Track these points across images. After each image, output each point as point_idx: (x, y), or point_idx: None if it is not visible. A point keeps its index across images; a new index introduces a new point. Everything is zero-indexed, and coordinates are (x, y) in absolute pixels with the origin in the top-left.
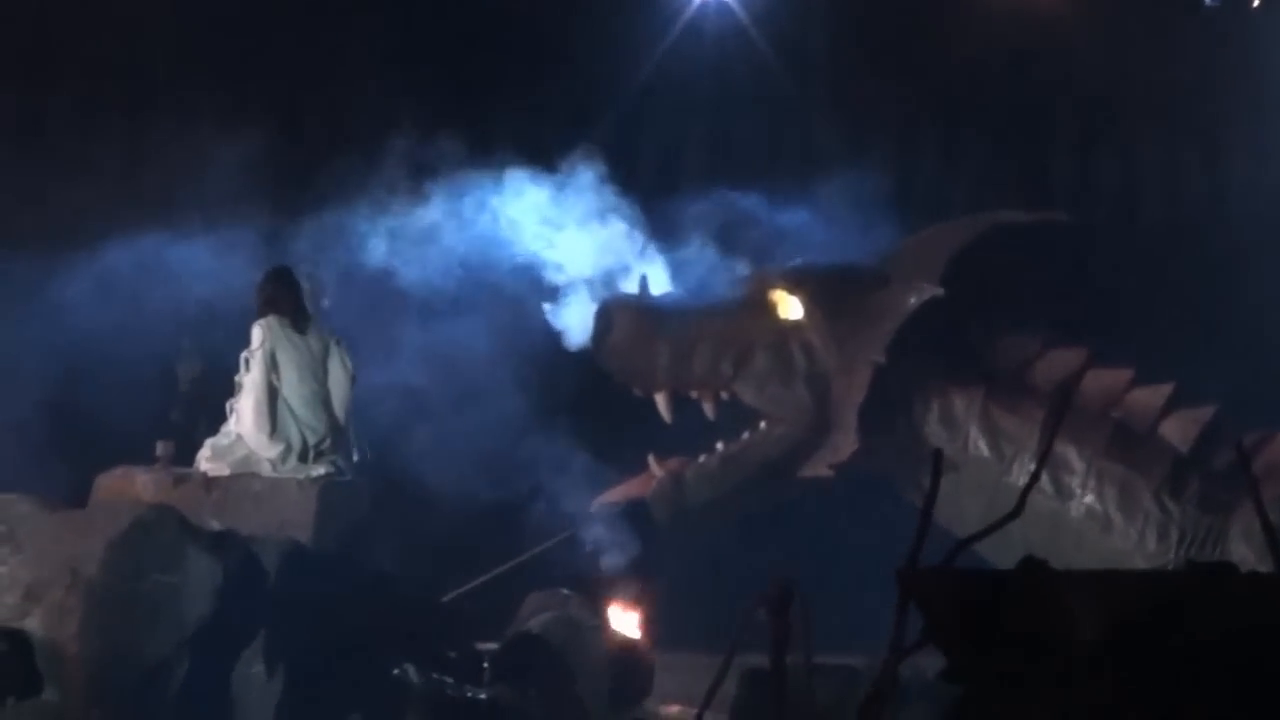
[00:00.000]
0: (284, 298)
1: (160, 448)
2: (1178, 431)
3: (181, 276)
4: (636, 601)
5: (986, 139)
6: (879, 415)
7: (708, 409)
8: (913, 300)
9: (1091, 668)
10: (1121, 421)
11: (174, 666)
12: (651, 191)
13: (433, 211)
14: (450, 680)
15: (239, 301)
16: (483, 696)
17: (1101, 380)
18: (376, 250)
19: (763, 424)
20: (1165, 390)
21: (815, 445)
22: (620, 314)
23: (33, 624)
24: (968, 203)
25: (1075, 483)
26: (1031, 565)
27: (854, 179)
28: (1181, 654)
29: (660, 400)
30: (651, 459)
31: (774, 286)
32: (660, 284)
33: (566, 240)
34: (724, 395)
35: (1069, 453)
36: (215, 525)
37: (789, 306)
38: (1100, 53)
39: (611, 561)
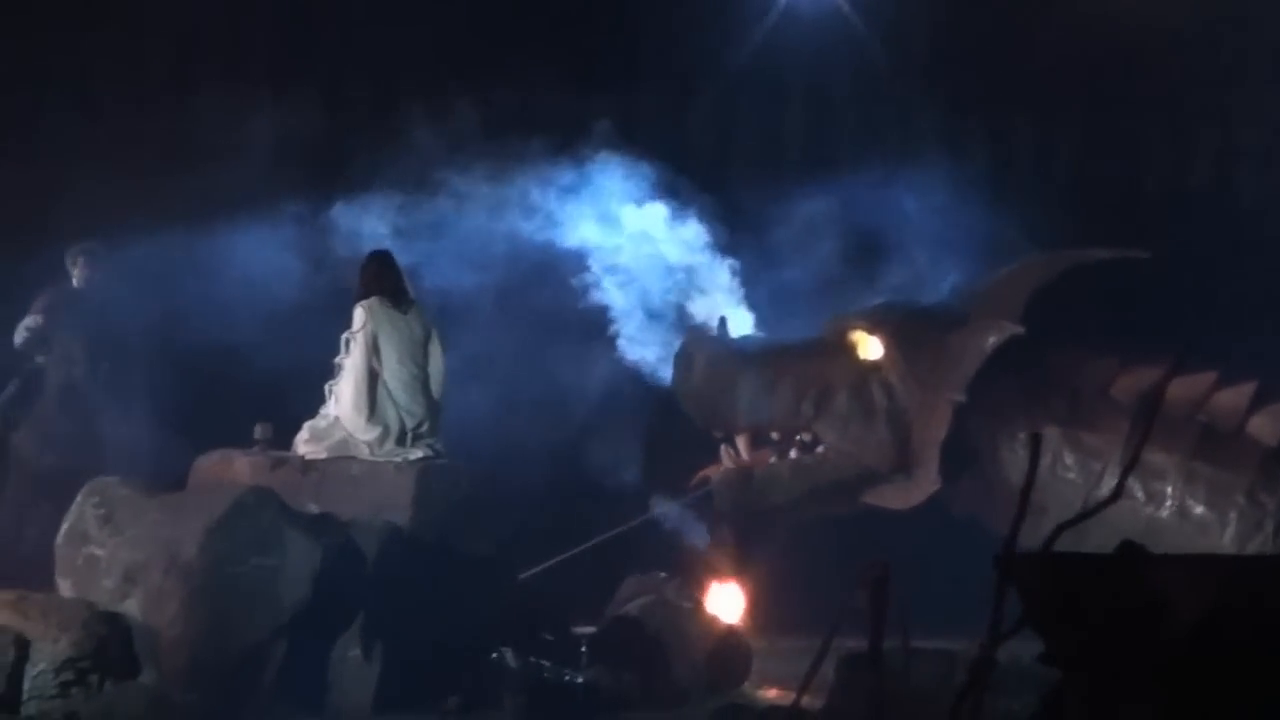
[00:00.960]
0: (386, 279)
1: (259, 430)
2: (1265, 427)
3: (285, 257)
4: (736, 585)
5: (1078, 129)
6: (961, 454)
7: (791, 451)
8: (993, 339)
9: (1189, 651)
10: (1208, 424)
11: (271, 650)
12: (743, 182)
13: (520, 198)
14: (547, 663)
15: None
16: (580, 680)
17: (1185, 387)
18: (465, 236)
19: None
20: (1249, 389)
21: (889, 474)
22: (700, 356)
23: (131, 607)
24: (1061, 193)
25: (1166, 487)
26: (1130, 549)
27: (948, 168)
28: (1277, 637)
29: (740, 442)
30: (724, 449)
31: (853, 327)
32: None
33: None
34: (805, 436)
35: (1157, 458)
36: (313, 508)
37: (869, 347)
38: (1195, 42)
39: (694, 543)
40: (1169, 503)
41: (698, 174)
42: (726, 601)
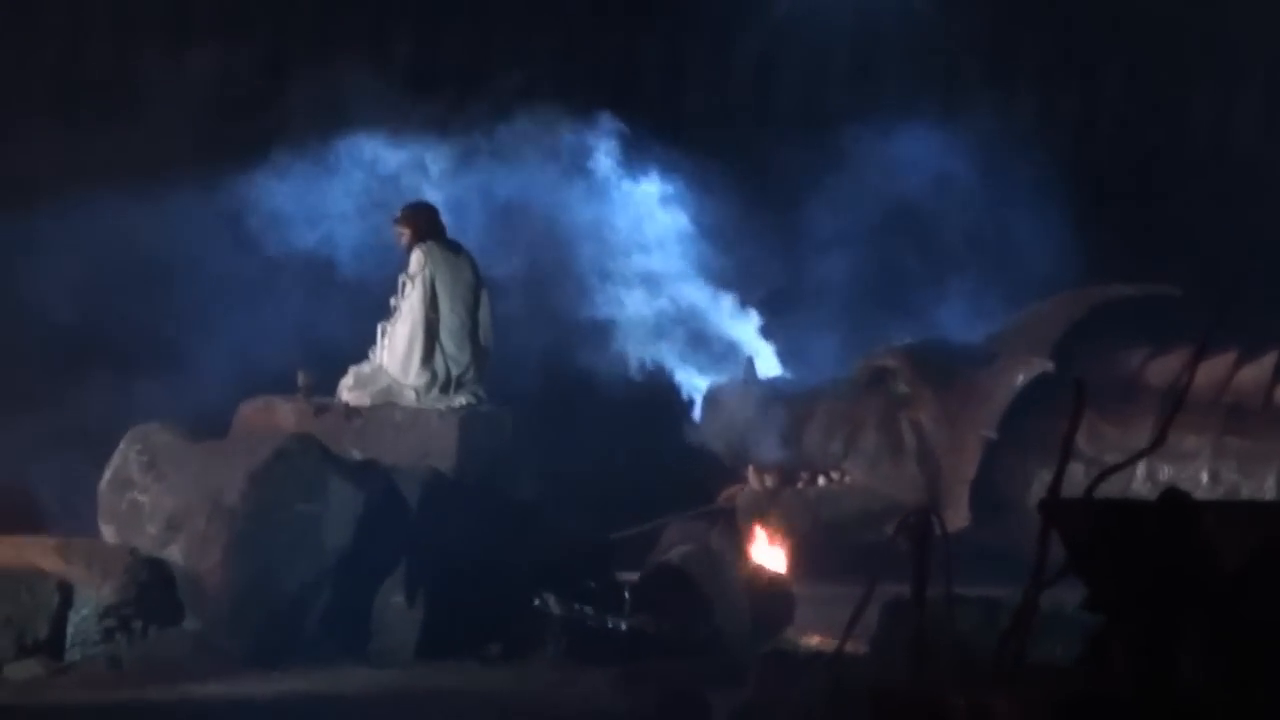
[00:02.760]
0: (438, 224)
1: (302, 377)
2: None
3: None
4: (778, 533)
5: (1120, 84)
6: (991, 489)
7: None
8: (1022, 376)
9: (1232, 595)
10: (1234, 403)
11: (315, 595)
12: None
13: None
14: (590, 610)
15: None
16: (623, 626)
17: (1208, 371)
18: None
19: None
20: (1270, 361)
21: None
22: (728, 398)
23: (174, 553)
24: (1109, 149)
25: (1199, 468)
26: (1172, 495)
27: (993, 122)
28: None
29: (769, 479)
30: (751, 469)
31: (883, 365)
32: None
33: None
34: (834, 474)
35: (1187, 442)
36: (357, 455)
37: (898, 384)
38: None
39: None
40: (1202, 485)
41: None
42: (770, 550)
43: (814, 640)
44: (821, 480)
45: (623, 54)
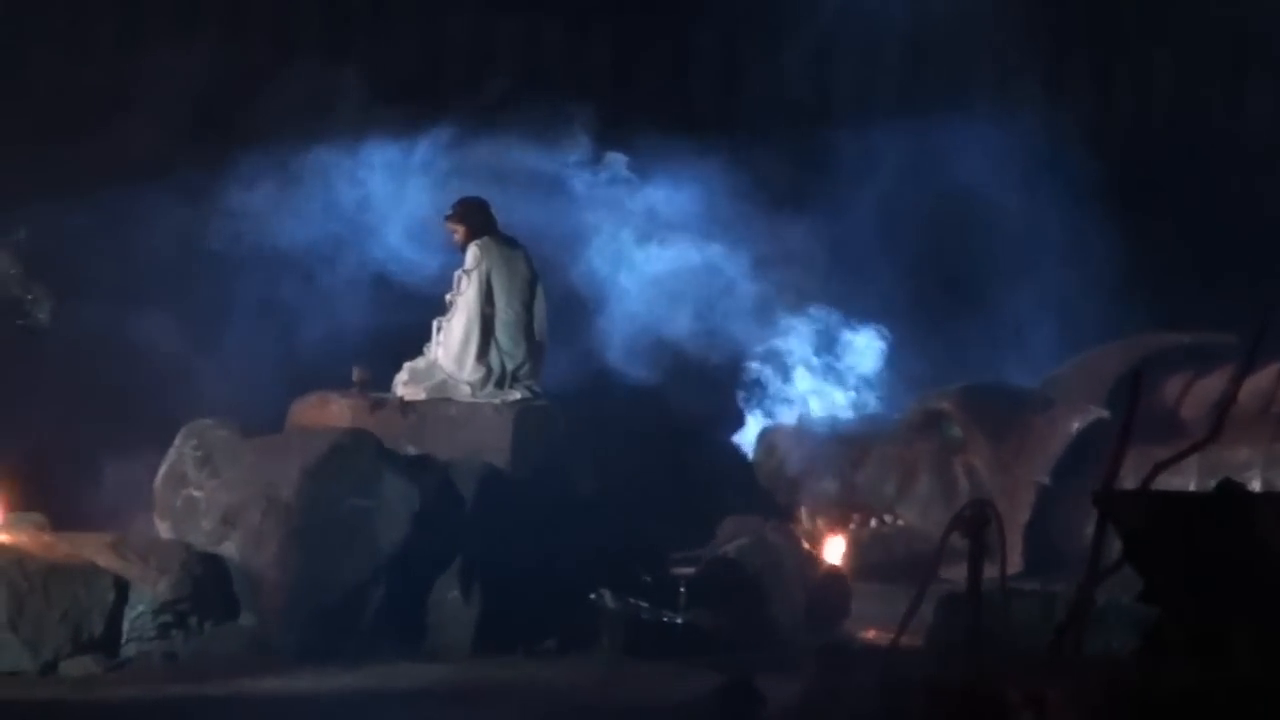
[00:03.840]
0: (492, 221)
1: (356, 373)
2: None
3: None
4: (836, 527)
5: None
6: (1045, 536)
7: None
8: (1077, 424)
9: None
10: None
11: (370, 591)
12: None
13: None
14: (646, 604)
15: None
16: (678, 620)
17: (1255, 383)
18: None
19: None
20: None
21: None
22: (783, 440)
23: (229, 549)
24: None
25: (1251, 478)
26: (1229, 487)
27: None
28: None
29: (821, 521)
30: (803, 509)
31: (937, 409)
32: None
33: None
34: (887, 517)
35: (1239, 455)
36: (411, 450)
37: (952, 428)
38: None
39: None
40: (1256, 486)
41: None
42: (827, 544)
43: (870, 634)
44: (874, 522)
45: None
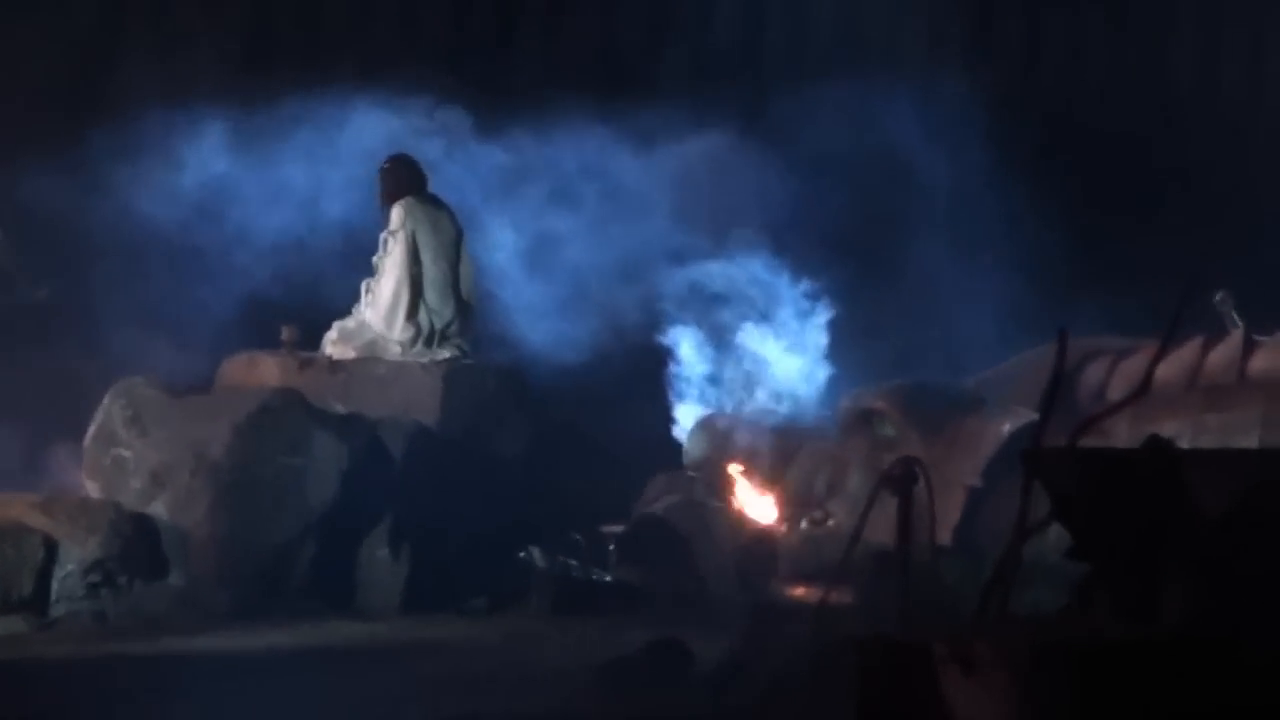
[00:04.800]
0: (417, 179)
1: (285, 332)
2: (1265, 362)
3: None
4: (766, 484)
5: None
6: (974, 537)
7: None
8: (1007, 427)
9: (1214, 542)
10: (1208, 385)
11: (300, 549)
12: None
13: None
14: (575, 563)
15: None
16: (608, 578)
17: (1178, 359)
18: None
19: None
20: (1236, 338)
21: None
22: (713, 433)
23: (159, 508)
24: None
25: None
26: (1156, 443)
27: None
28: None
29: (754, 515)
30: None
31: (869, 406)
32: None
33: None
34: (817, 515)
35: (1166, 427)
36: (340, 409)
37: (884, 426)
38: None
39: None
40: None
41: None
42: (755, 501)
43: (799, 591)
44: (804, 523)
45: None
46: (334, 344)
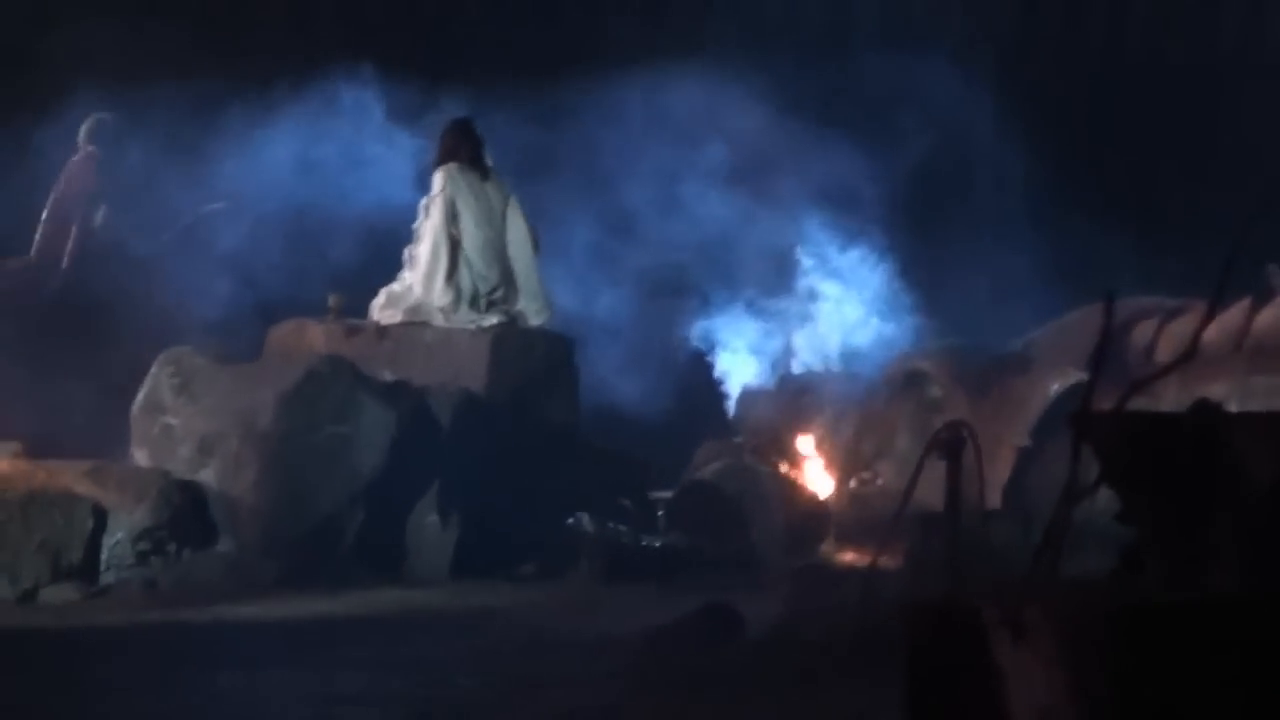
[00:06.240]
0: (465, 146)
1: (332, 299)
2: None
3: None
4: (813, 449)
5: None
6: (1024, 497)
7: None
8: (1056, 386)
9: (1263, 505)
10: (1256, 346)
11: (348, 517)
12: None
13: None
14: (624, 528)
15: None
16: (657, 544)
17: (1225, 321)
18: None
19: None
20: None
21: None
22: (763, 395)
23: (207, 476)
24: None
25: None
26: (1203, 406)
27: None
28: None
29: (799, 477)
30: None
31: (917, 368)
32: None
33: None
34: (865, 475)
35: (1212, 389)
36: (388, 376)
37: (932, 388)
38: None
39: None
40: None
41: None
42: (805, 466)
43: (848, 555)
44: (853, 482)
45: None
46: (381, 309)
